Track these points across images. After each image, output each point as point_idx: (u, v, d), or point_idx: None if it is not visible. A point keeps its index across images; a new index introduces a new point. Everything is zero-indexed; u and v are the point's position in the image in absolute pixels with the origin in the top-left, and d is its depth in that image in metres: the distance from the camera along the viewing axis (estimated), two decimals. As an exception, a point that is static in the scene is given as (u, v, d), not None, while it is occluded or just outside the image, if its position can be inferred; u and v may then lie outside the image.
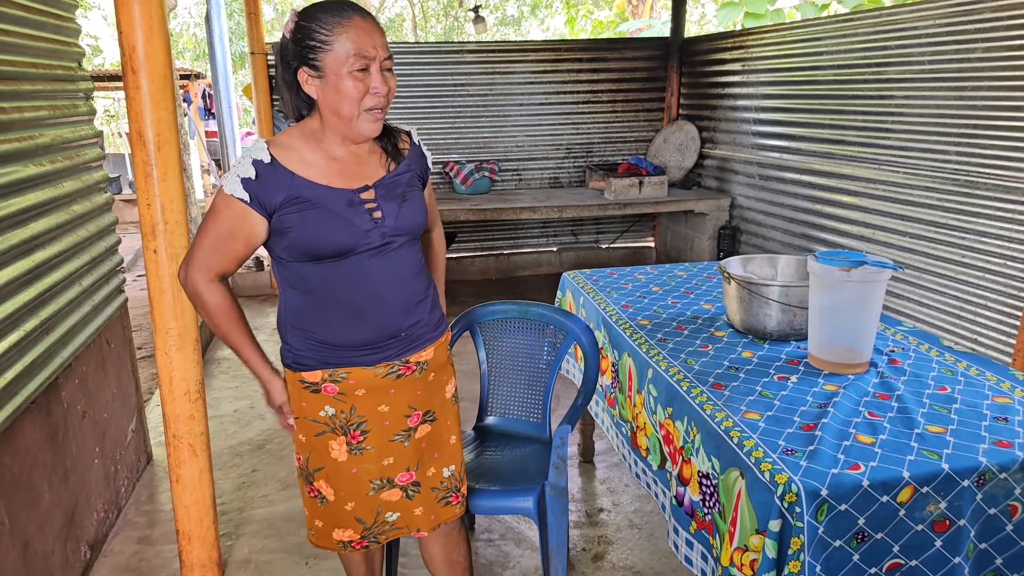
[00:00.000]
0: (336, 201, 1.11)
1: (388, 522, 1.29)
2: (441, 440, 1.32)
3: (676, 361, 1.50)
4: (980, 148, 2.37)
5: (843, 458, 1.10)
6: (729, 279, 1.60)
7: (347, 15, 1.05)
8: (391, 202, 1.16)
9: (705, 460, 1.25)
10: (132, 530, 2.00)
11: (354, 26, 1.05)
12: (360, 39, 1.05)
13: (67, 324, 1.76)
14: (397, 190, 1.18)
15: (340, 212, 1.11)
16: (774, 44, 3.45)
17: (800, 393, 1.32)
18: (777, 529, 1.05)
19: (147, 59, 1.40)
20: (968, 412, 1.23)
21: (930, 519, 1.07)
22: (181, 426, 1.65)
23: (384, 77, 1.09)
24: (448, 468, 1.34)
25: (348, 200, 1.12)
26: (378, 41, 1.07)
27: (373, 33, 1.06)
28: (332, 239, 1.10)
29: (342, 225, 1.11)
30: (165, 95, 1.44)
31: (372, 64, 1.07)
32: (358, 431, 1.22)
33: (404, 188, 1.19)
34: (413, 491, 1.29)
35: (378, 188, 1.16)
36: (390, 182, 1.17)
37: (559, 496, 1.47)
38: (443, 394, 1.32)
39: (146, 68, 1.40)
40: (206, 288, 1.14)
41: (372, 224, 1.13)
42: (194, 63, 11.52)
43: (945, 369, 1.42)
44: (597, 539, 1.93)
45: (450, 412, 1.34)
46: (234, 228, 1.11)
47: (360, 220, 1.12)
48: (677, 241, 4.38)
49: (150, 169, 1.46)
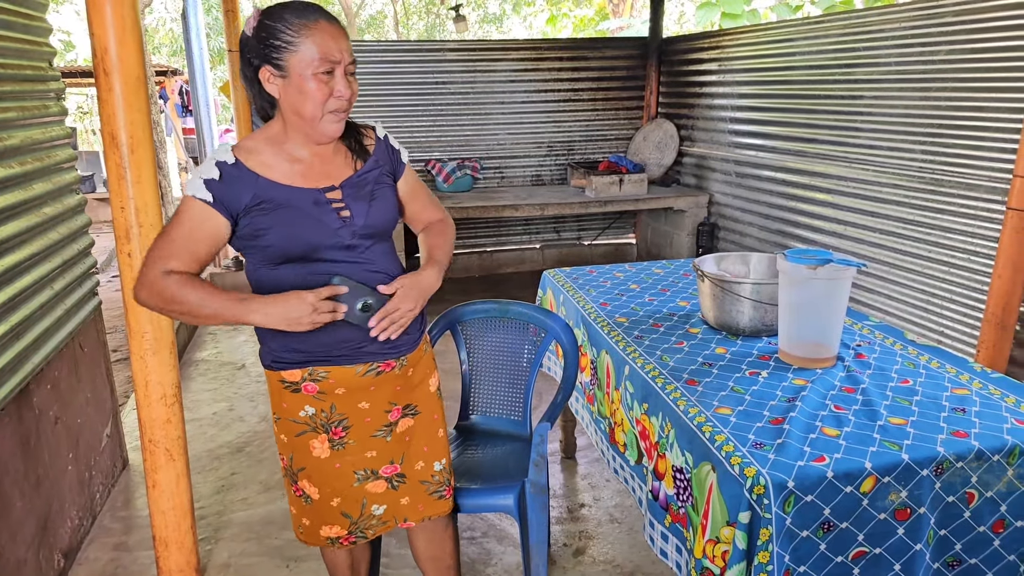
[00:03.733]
0: (302, 200, 1.11)
1: (375, 515, 1.30)
2: (428, 433, 1.33)
3: (652, 358, 1.53)
4: (944, 147, 2.45)
5: (809, 450, 1.13)
6: (703, 277, 1.63)
7: (313, 18, 1.05)
8: (359, 201, 1.15)
9: (679, 455, 1.29)
10: (108, 537, 1.98)
11: (320, 30, 1.05)
12: (326, 43, 1.05)
13: (38, 329, 1.73)
14: (365, 188, 1.17)
15: (308, 211, 1.11)
16: (749, 44, 3.51)
17: (770, 388, 1.36)
18: (746, 521, 1.08)
19: (120, 61, 1.38)
20: (928, 404, 1.28)
21: (892, 508, 1.11)
22: (157, 431, 1.64)
23: (348, 81, 1.09)
24: (439, 462, 1.35)
25: (314, 199, 1.12)
26: (343, 46, 1.07)
27: (339, 38, 1.07)
28: (303, 237, 1.10)
29: (312, 223, 1.11)
30: (139, 97, 1.42)
31: (337, 68, 1.07)
32: (339, 428, 1.23)
33: (372, 186, 1.18)
34: (398, 482, 1.31)
35: (345, 187, 1.15)
36: (357, 181, 1.17)
37: (539, 493, 1.49)
38: (426, 387, 1.33)
39: (119, 70, 1.39)
40: (163, 278, 1.07)
41: (341, 223, 1.13)
42: (171, 59, 11.29)
43: (908, 362, 1.47)
44: (578, 534, 1.96)
45: (435, 406, 1.35)
46: (194, 229, 1.09)
47: (328, 219, 1.12)
48: (657, 237, 4.43)
49: (123, 172, 1.44)
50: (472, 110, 4.31)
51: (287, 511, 2.09)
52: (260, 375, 3.16)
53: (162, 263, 1.08)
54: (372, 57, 4.11)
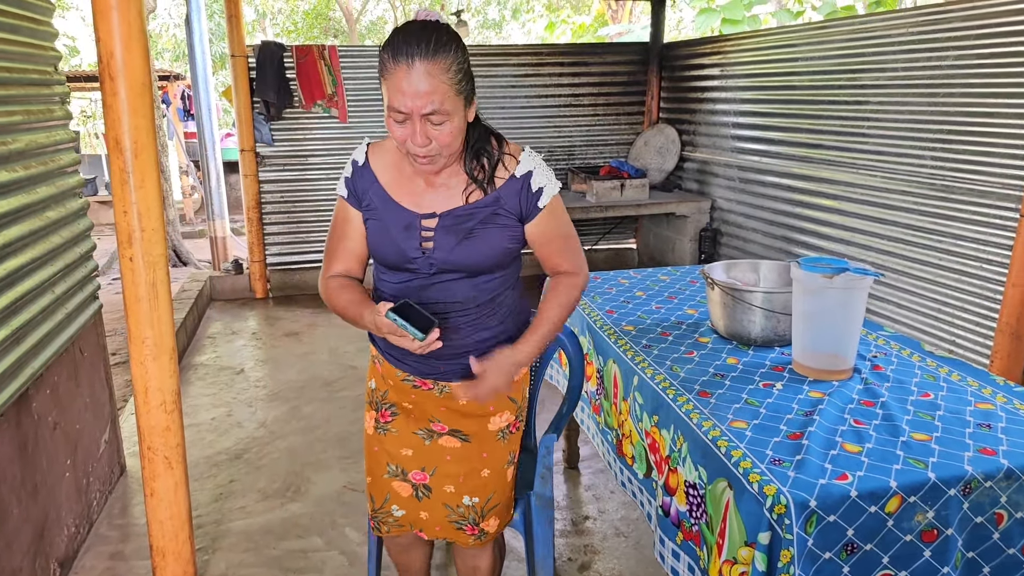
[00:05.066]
0: (396, 220, 1.11)
1: (393, 516, 1.31)
2: (470, 465, 1.27)
3: (661, 368, 1.49)
4: (954, 153, 2.42)
5: (830, 467, 1.09)
6: (713, 285, 1.59)
7: (396, 62, 0.97)
8: (451, 235, 1.10)
9: (692, 470, 1.24)
10: (104, 545, 1.93)
11: (396, 76, 0.97)
12: (397, 91, 0.98)
13: (39, 333, 1.70)
14: (466, 224, 1.10)
15: (394, 233, 1.11)
16: (752, 50, 3.48)
17: (786, 401, 1.32)
18: (767, 542, 1.03)
19: (125, 66, 1.37)
20: (952, 419, 1.23)
21: (918, 529, 1.07)
22: (156, 438, 1.59)
23: (428, 130, 1.00)
24: (472, 498, 1.28)
25: (407, 223, 1.11)
26: (416, 99, 0.97)
27: (412, 89, 0.97)
28: (386, 254, 1.13)
29: (391, 245, 1.12)
30: (143, 102, 1.41)
31: (410, 117, 1.00)
32: (388, 411, 1.29)
33: (476, 223, 1.10)
34: (423, 493, 1.29)
35: (444, 217, 1.10)
36: (461, 214, 1.10)
37: (545, 507, 1.45)
38: (484, 423, 1.26)
39: (124, 75, 1.37)
40: (327, 283, 1.16)
41: (419, 253, 1.11)
42: (173, 64, 11.29)
43: (927, 375, 1.42)
44: (583, 548, 1.91)
45: (490, 445, 1.26)
46: (342, 225, 1.16)
47: (408, 246, 1.11)
48: (659, 243, 4.39)
49: (127, 176, 1.42)
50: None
51: (285, 520, 2.04)
52: (259, 380, 3.12)
53: (327, 268, 1.18)
54: (373, 63, 4.09)
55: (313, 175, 4.20)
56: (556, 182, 1.14)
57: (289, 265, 4.34)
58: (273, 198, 4.19)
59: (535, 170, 1.11)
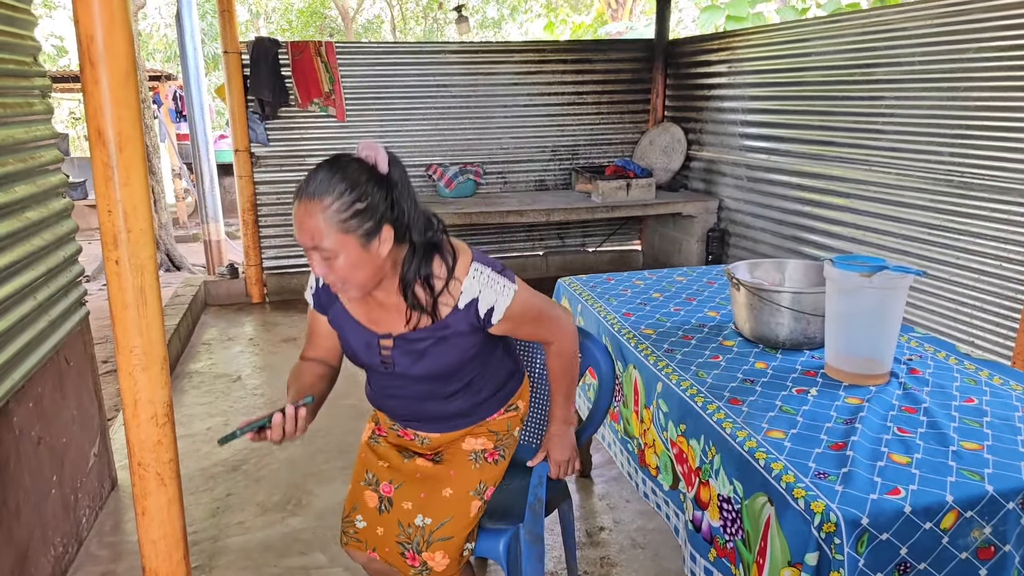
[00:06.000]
0: (357, 338, 1.18)
1: (355, 527, 1.29)
2: (435, 483, 1.23)
3: (687, 374, 1.41)
4: (973, 148, 2.36)
5: (880, 481, 1.02)
6: (738, 285, 1.52)
7: (295, 198, 1.02)
8: (407, 356, 1.14)
9: (726, 483, 1.16)
10: (95, 565, 1.83)
11: (295, 212, 1.02)
12: (296, 226, 1.02)
13: (20, 342, 1.60)
14: (419, 346, 1.13)
15: (358, 349, 1.18)
16: (761, 45, 3.42)
17: (823, 408, 1.24)
18: (814, 563, 0.96)
19: (107, 50, 1.26)
20: (1001, 426, 1.16)
21: (974, 546, 0.99)
22: (147, 454, 1.50)
23: (326, 265, 1.02)
24: (425, 518, 1.21)
25: (366, 341, 1.17)
26: (305, 236, 1.00)
27: (300, 226, 1.01)
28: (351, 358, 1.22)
29: (357, 356, 1.20)
30: (127, 90, 1.30)
31: (311, 251, 1.03)
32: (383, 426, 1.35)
33: (428, 345, 1.13)
34: (386, 507, 1.27)
35: (397, 340, 1.14)
36: (412, 338, 1.13)
37: (534, 542, 1.30)
38: (459, 444, 1.27)
39: (105, 60, 1.27)
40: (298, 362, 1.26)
41: (383, 367, 1.18)
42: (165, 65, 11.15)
43: (968, 379, 1.35)
44: (599, 560, 1.83)
45: (460, 465, 1.25)
46: (313, 324, 1.26)
47: (372, 360, 1.18)
48: (665, 244, 4.33)
49: (111, 172, 1.32)
50: (474, 113, 4.20)
51: (286, 536, 1.95)
52: (256, 387, 3.02)
53: (303, 350, 1.28)
54: (371, 60, 4.01)
55: (311, 176, 4.11)
56: (508, 289, 1.11)
57: (286, 269, 4.24)
58: (269, 200, 4.09)
59: (480, 295, 1.10)
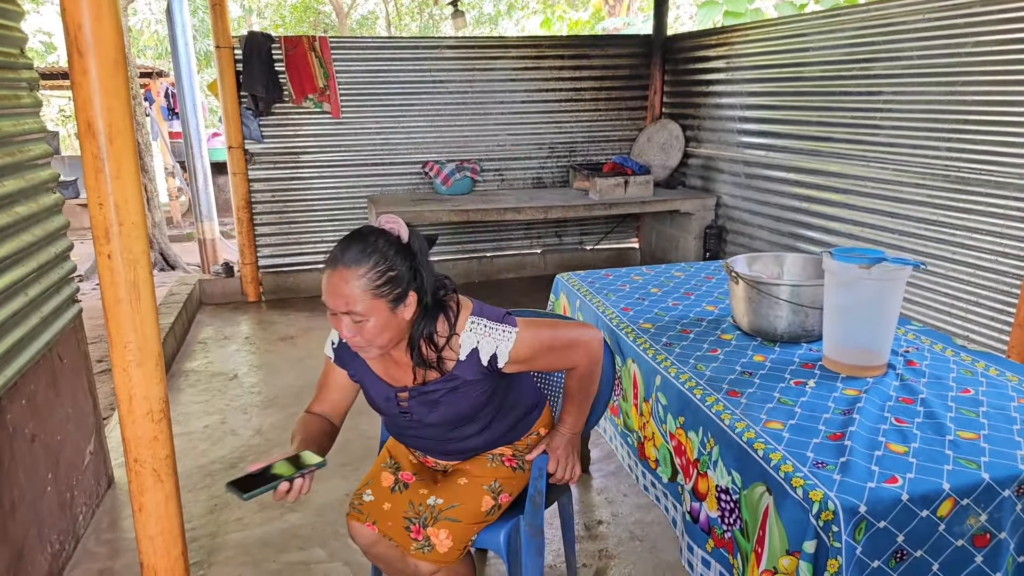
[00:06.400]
0: (377, 392, 1.26)
1: (362, 499, 1.32)
2: (453, 478, 1.30)
3: (685, 367, 1.42)
4: (971, 144, 2.37)
5: (877, 470, 1.02)
6: (737, 279, 1.52)
7: (327, 265, 1.11)
8: (423, 406, 1.22)
9: (724, 474, 1.17)
10: (92, 562, 1.83)
11: (325, 279, 1.11)
12: (326, 291, 1.11)
13: (11, 339, 1.59)
14: (432, 397, 1.21)
15: (379, 400, 1.26)
16: (760, 41, 3.43)
17: (821, 399, 1.25)
18: (812, 551, 0.96)
19: (95, 39, 1.25)
20: (997, 416, 1.17)
21: (970, 533, 1.00)
22: (143, 450, 1.49)
23: (354, 327, 1.11)
24: (437, 499, 1.26)
25: (386, 395, 1.25)
26: (337, 301, 1.09)
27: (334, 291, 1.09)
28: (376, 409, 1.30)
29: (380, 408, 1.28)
30: (117, 80, 1.29)
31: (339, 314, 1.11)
32: None
33: (441, 396, 1.21)
34: (400, 488, 1.31)
35: (412, 392, 1.22)
36: (425, 391, 1.21)
37: (534, 535, 1.31)
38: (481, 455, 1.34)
39: (94, 50, 1.25)
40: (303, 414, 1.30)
41: (404, 418, 1.26)
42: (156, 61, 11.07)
43: (964, 370, 1.36)
44: (598, 553, 1.83)
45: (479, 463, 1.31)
46: (327, 377, 1.32)
47: (392, 411, 1.26)
48: (662, 241, 4.33)
49: (101, 164, 1.31)
50: (471, 110, 4.19)
51: (285, 532, 1.95)
52: (253, 386, 3.01)
53: (311, 403, 1.32)
54: (366, 55, 3.99)
55: (305, 173, 4.09)
56: (509, 333, 1.17)
57: (282, 267, 4.22)
58: (264, 197, 4.07)
59: (479, 345, 1.17)
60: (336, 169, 4.12)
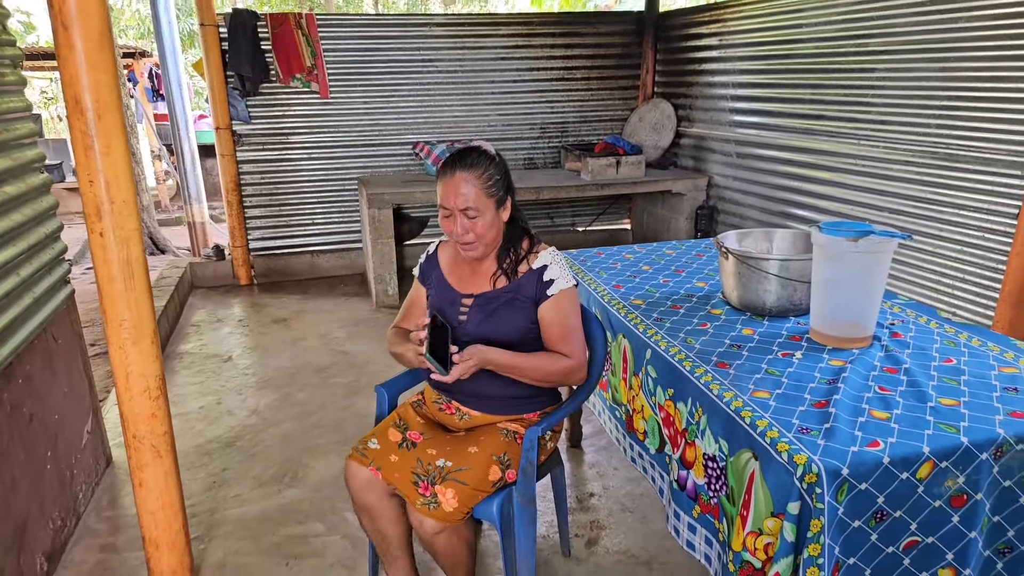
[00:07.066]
0: (445, 297, 1.43)
1: (367, 446, 1.38)
2: (463, 442, 1.36)
3: (675, 341, 1.44)
4: (960, 120, 2.38)
5: (860, 435, 1.05)
6: (727, 254, 1.54)
7: (445, 172, 1.31)
8: (480, 313, 1.38)
9: (712, 442, 1.20)
10: (94, 538, 1.85)
11: (443, 182, 1.32)
12: (443, 192, 1.31)
13: (5, 319, 1.59)
14: (492, 304, 1.37)
15: (444, 306, 1.42)
16: (753, 17, 3.40)
17: (807, 370, 1.28)
18: (796, 512, 1.00)
19: (80, 13, 1.23)
20: (978, 384, 1.20)
21: (948, 494, 1.04)
22: (142, 426, 1.51)
23: (466, 224, 1.31)
24: (447, 461, 1.32)
25: (451, 299, 1.42)
26: (457, 200, 1.30)
27: (454, 191, 1.30)
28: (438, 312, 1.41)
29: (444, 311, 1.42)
30: (103, 55, 1.27)
31: (453, 212, 1.31)
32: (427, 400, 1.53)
33: (499, 305, 1.37)
34: (408, 446, 1.37)
35: (477, 299, 1.39)
36: (490, 296, 1.38)
37: (526, 504, 1.35)
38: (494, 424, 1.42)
39: (79, 23, 1.23)
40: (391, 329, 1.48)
41: (458, 323, 1.40)
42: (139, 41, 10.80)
43: (947, 341, 1.39)
44: (589, 524, 1.88)
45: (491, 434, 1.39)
46: (412, 295, 1.52)
47: (453, 316, 1.41)
48: (654, 222, 4.34)
49: (91, 140, 1.29)
50: (461, 89, 4.15)
51: (283, 507, 1.98)
52: (247, 367, 3.02)
53: (397, 321, 1.50)
54: (355, 32, 3.93)
55: (295, 154, 4.05)
56: (571, 280, 1.38)
57: (273, 250, 4.20)
58: (253, 179, 4.03)
59: (550, 264, 1.38)
60: (326, 150, 4.08)
